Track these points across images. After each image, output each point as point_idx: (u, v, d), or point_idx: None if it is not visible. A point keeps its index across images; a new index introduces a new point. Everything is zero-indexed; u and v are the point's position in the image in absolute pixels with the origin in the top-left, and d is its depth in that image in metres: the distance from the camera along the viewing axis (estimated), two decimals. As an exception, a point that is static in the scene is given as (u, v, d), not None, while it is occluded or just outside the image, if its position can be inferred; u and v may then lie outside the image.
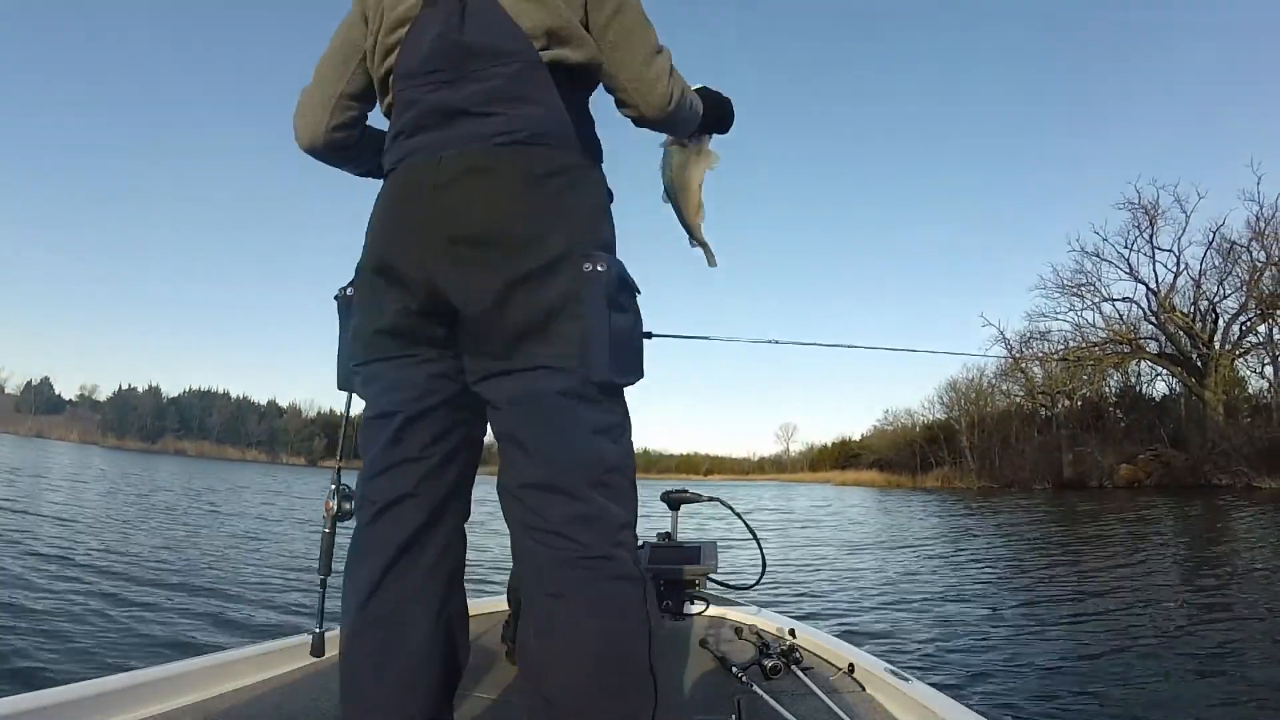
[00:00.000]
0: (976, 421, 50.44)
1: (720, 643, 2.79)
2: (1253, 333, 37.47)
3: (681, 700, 2.25)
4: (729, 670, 2.45)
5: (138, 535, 11.69)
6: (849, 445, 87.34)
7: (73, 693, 1.75)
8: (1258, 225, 35.87)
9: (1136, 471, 36.35)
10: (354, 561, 1.44)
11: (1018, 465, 44.28)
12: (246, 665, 2.21)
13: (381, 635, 1.38)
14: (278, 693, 2.12)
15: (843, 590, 8.81)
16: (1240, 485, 29.37)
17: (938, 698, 2.08)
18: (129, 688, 1.86)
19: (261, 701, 2.04)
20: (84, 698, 1.75)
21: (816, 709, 2.12)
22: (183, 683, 2.00)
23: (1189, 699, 4.52)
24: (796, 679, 2.37)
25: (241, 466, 72.67)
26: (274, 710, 1.99)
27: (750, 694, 2.20)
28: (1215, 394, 36.12)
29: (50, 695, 1.72)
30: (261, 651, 2.30)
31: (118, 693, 1.82)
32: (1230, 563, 10.85)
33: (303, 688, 2.17)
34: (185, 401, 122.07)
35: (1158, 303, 39.35)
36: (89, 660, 4.78)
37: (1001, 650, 5.73)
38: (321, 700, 2.06)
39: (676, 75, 1.49)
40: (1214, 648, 5.72)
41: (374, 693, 1.38)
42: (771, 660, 2.42)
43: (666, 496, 3.62)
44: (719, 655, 2.60)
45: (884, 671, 2.34)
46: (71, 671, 4.37)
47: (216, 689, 2.06)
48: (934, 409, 57.86)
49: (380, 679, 1.37)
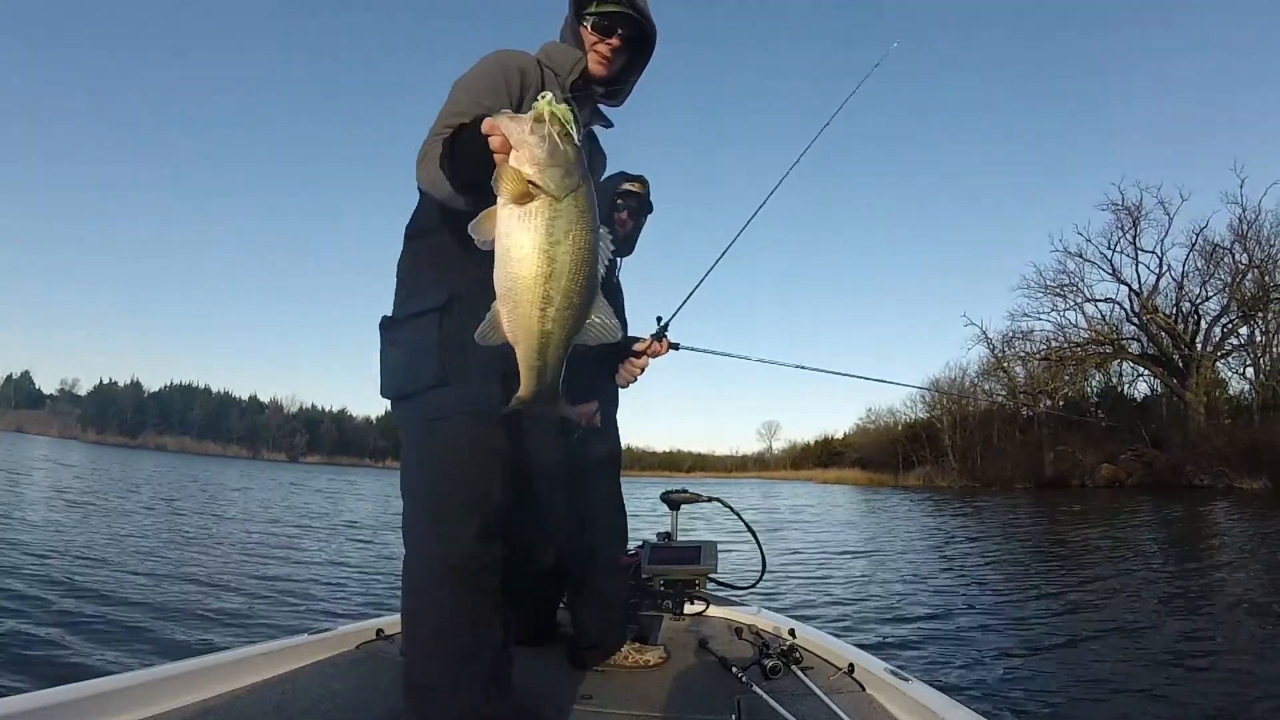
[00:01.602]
0: (958, 420, 50.64)
1: (720, 643, 2.80)
2: (1234, 334, 37.88)
3: (681, 700, 2.25)
4: (729, 670, 2.45)
5: (135, 535, 11.53)
6: (832, 443, 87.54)
7: (73, 693, 1.74)
8: (1240, 228, 36.29)
9: (1118, 471, 36.55)
10: None
11: (999, 464, 44.47)
12: (246, 665, 2.20)
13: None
14: (278, 693, 2.11)
15: (842, 590, 8.81)
16: (1221, 486, 29.63)
17: (938, 698, 2.08)
18: (129, 688, 1.85)
19: (261, 701, 2.03)
20: (84, 698, 1.74)
21: (816, 709, 2.13)
22: (183, 683, 1.99)
23: (1186, 697, 4.55)
24: (796, 679, 2.38)
25: (223, 463, 72.09)
26: (274, 710, 1.97)
27: (750, 694, 2.20)
28: (1197, 395, 36.44)
29: (50, 695, 1.71)
30: (261, 651, 2.29)
31: (118, 693, 1.81)
32: (1223, 562, 10.96)
33: (303, 687, 2.16)
34: (166, 396, 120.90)
35: (1140, 304, 39.72)
36: (89, 660, 4.73)
37: (1000, 650, 5.75)
38: (322, 700, 2.05)
39: (416, 168, 1.61)
40: (1211, 648, 5.78)
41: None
42: (771, 660, 2.43)
43: (666, 496, 3.63)
44: (719, 655, 2.61)
45: (884, 671, 2.35)
46: (72, 671, 4.31)
47: (216, 689, 2.05)
48: (916, 408, 58.12)
49: None
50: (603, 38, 1.90)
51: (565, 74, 1.88)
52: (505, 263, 1.25)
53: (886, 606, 7.75)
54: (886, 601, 8.03)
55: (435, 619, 1.64)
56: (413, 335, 1.66)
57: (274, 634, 3.26)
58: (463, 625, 1.63)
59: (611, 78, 1.96)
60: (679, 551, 3.44)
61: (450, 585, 1.62)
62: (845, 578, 9.89)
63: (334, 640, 2.52)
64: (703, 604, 3.38)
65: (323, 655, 2.41)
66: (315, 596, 7.48)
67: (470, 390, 1.63)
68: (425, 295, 1.69)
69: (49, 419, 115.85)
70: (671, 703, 2.23)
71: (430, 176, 1.54)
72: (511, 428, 1.70)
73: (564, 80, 1.87)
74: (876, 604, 7.89)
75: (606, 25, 1.90)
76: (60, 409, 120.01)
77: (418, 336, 1.65)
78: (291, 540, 12.53)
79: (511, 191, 1.22)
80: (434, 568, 1.64)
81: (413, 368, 1.65)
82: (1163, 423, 38.13)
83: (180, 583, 7.73)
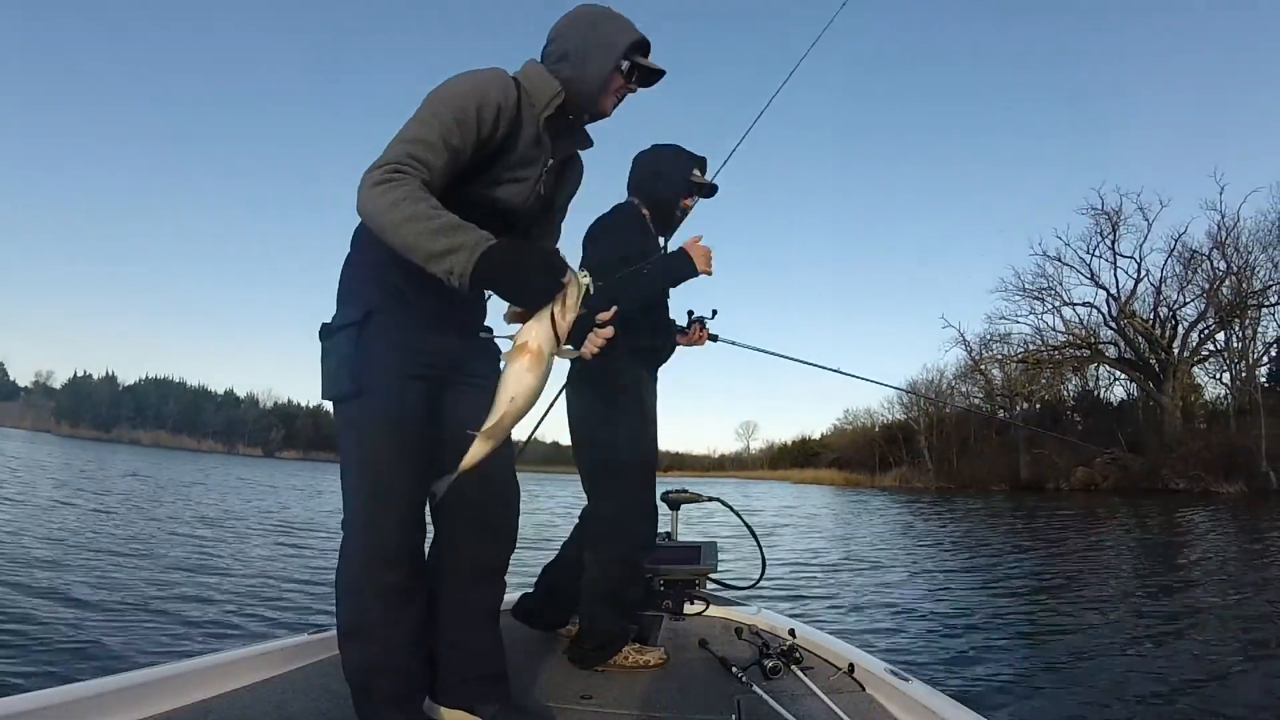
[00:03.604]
0: (935, 422, 51.06)
1: (720, 643, 2.81)
2: (1211, 340, 38.45)
3: (681, 700, 2.25)
4: (729, 670, 2.46)
5: (129, 532, 11.42)
6: (809, 444, 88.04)
7: (73, 693, 1.73)
8: (1219, 235, 36.85)
9: (1093, 474, 36.94)
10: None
11: (975, 466, 44.89)
12: (246, 665, 2.19)
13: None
14: (278, 693, 2.10)
15: (841, 591, 8.85)
16: (1198, 490, 30.08)
17: (938, 698, 2.09)
18: (129, 688, 1.84)
19: (261, 701, 2.02)
20: (84, 698, 1.73)
21: (816, 709, 2.14)
22: (183, 683, 1.98)
23: (1186, 696, 4.62)
24: (796, 679, 2.39)
25: (198, 457, 71.49)
26: (274, 710, 1.96)
27: (750, 694, 2.21)
28: (1173, 399, 36.92)
29: (50, 695, 1.69)
30: (261, 651, 2.29)
31: (118, 693, 1.80)
32: (1214, 564, 11.15)
33: (303, 688, 2.15)
34: (141, 389, 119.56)
35: (1118, 308, 40.18)
36: (89, 660, 4.68)
37: (1000, 650, 5.81)
38: (322, 700, 2.04)
39: (375, 176, 1.58)
40: (1211, 648, 5.85)
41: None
42: (771, 660, 2.44)
43: (666, 496, 3.62)
44: (719, 655, 2.62)
45: (884, 671, 2.36)
46: (72, 672, 4.30)
47: (216, 689, 2.04)
48: (893, 409, 58.56)
49: None
50: (627, 84, 1.88)
51: (540, 108, 1.83)
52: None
53: (885, 606, 7.80)
54: (885, 602, 8.08)
55: (358, 599, 1.78)
56: (338, 347, 1.77)
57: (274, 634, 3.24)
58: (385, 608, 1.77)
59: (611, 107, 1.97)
60: (679, 551, 3.45)
61: (376, 568, 1.76)
62: (843, 578, 9.97)
63: (334, 640, 2.49)
64: (703, 604, 3.39)
65: (323, 655, 2.39)
66: (316, 595, 7.44)
67: (381, 399, 1.75)
68: (349, 308, 1.80)
69: (23, 411, 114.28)
70: (671, 703, 2.23)
71: (404, 230, 1.53)
72: (427, 432, 1.84)
73: (538, 114, 1.84)
74: (876, 604, 7.94)
75: (641, 78, 1.90)
76: (35, 401, 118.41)
77: (342, 348, 1.76)
78: (296, 540, 12.46)
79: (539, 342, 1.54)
80: (362, 556, 1.77)
81: (338, 376, 1.76)
82: (1139, 427, 38.61)
83: (180, 582, 7.67)
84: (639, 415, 2.78)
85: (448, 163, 1.65)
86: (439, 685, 1.89)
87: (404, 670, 1.78)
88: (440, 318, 1.84)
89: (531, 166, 1.87)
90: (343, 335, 1.77)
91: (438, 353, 1.85)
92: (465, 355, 1.90)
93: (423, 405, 1.82)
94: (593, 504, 2.81)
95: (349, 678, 1.79)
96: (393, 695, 1.76)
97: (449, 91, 1.70)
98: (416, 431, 1.80)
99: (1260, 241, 35.96)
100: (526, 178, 1.87)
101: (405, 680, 1.79)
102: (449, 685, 1.89)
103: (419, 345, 1.81)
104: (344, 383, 1.76)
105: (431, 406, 1.86)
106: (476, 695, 1.88)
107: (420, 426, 1.82)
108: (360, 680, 1.77)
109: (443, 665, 1.89)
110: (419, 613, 1.82)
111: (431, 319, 1.83)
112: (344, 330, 1.77)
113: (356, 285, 1.86)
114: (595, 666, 2.57)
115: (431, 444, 1.84)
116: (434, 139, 1.62)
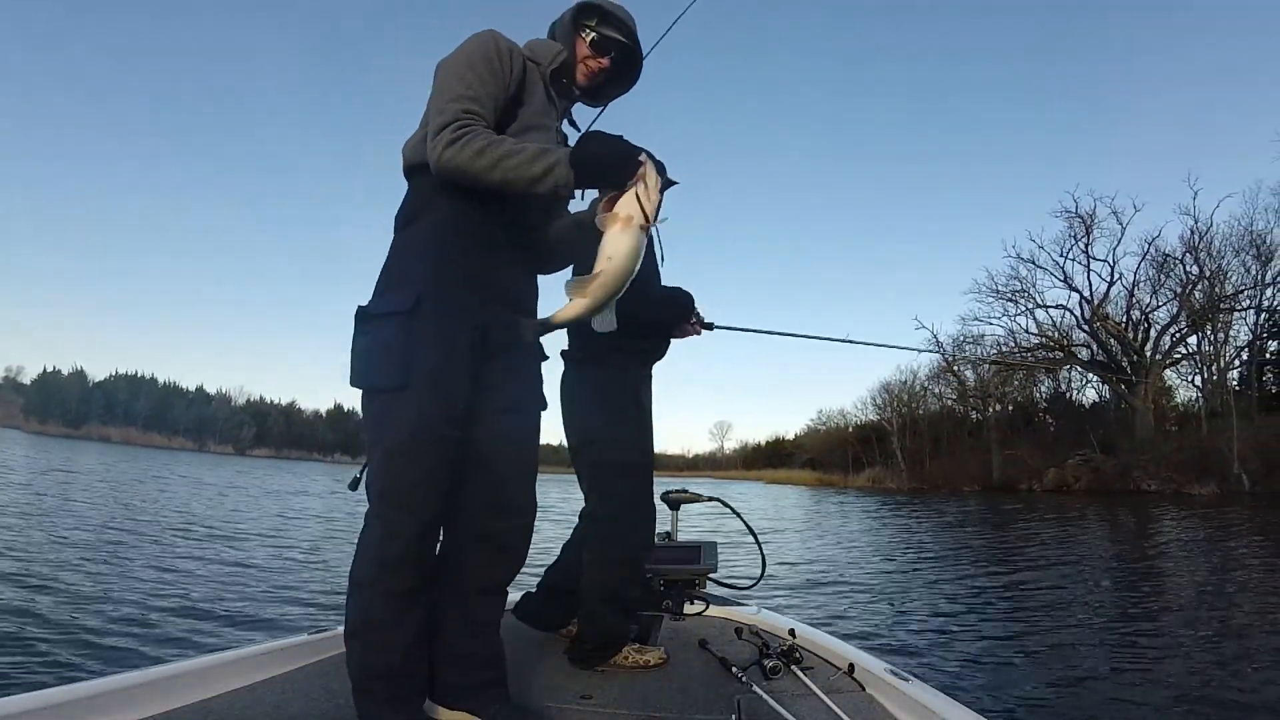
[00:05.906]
0: (908, 423, 51.44)
1: (720, 643, 2.80)
2: (1183, 344, 39.04)
3: (681, 700, 2.25)
4: (729, 670, 2.45)
5: (133, 535, 11.27)
6: (783, 444, 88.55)
7: (73, 693, 1.71)
8: (1192, 239, 37.39)
9: (1065, 476, 37.31)
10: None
11: (948, 467, 45.21)
12: (246, 665, 2.17)
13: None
14: (278, 693, 2.08)
15: (837, 590, 8.92)
16: (1170, 491, 30.48)
17: (938, 698, 2.09)
18: (129, 688, 1.82)
19: (261, 701, 2.00)
20: (84, 698, 1.71)
21: (816, 709, 2.13)
22: (183, 683, 1.96)
23: (1184, 696, 4.67)
24: (796, 679, 2.38)
25: (170, 454, 70.62)
26: (274, 710, 1.94)
27: (750, 694, 2.20)
28: (1145, 402, 37.40)
29: (50, 695, 1.68)
30: (261, 651, 2.27)
31: (118, 693, 1.78)
32: (1217, 563, 11.36)
33: (303, 688, 2.13)
34: (111, 386, 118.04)
35: (1091, 311, 40.61)
36: (89, 661, 4.64)
37: (999, 650, 5.87)
38: (322, 700, 2.02)
39: (445, 136, 1.70)
40: (1209, 649, 5.92)
41: None
42: (771, 660, 2.44)
43: (666, 496, 3.61)
44: (719, 655, 2.61)
45: (884, 671, 2.36)
46: (72, 672, 4.28)
47: (216, 689, 2.02)
48: (866, 410, 58.97)
49: None
50: (595, 55, 2.02)
51: (546, 64, 1.97)
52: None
53: (884, 605, 7.86)
54: (884, 601, 8.14)
55: (367, 599, 1.76)
56: (381, 333, 1.74)
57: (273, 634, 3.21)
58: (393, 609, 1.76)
59: (591, 88, 2.10)
60: (679, 551, 3.44)
61: (388, 573, 1.74)
62: (840, 578, 10.02)
63: (334, 640, 2.47)
64: (703, 604, 3.39)
65: (323, 655, 2.38)
66: (315, 597, 7.40)
67: (421, 398, 1.71)
68: (397, 294, 1.77)
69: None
70: (671, 703, 2.22)
71: (500, 168, 1.66)
72: (461, 433, 1.81)
73: (544, 70, 1.96)
74: (874, 604, 8.00)
75: (603, 45, 2.01)
76: (4, 398, 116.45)
77: (386, 336, 1.72)
78: (294, 541, 12.38)
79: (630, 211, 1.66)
80: (377, 559, 1.74)
81: (378, 366, 1.73)
82: (1111, 428, 39.08)
83: (179, 584, 7.60)
84: (637, 414, 2.78)
85: (492, 111, 1.78)
86: (439, 686, 1.89)
87: (405, 672, 1.78)
88: (497, 286, 1.88)
89: (548, 117, 1.98)
90: (388, 322, 1.74)
91: (491, 315, 1.84)
92: (510, 335, 1.86)
93: (465, 395, 1.80)
94: (592, 504, 2.79)
95: (351, 676, 1.78)
96: (393, 696, 1.76)
97: (466, 51, 1.83)
98: (451, 436, 1.77)
99: (1233, 246, 36.70)
100: (549, 126, 1.97)
101: (406, 681, 1.78)
102: (449, 687, 1.89)
103: (471, 309, 1.81)
104: (385, 374, 1.72)
105: (472, 383, 1.83)
106: (477, 696, 1.88)
107: (454, 428, 1.78)
108: (361, 680, 1.76)
109: (443, 667, 1.89)
110: (423, 615, 1.82)
111: (488, 287, 1.86)
112: (390, 317, 1.74)
113: (405, 265, 1.83)
114: (595, 666, 2.56)
115: (460, 441, 1.81)
116: (477, 91, 1.76)
